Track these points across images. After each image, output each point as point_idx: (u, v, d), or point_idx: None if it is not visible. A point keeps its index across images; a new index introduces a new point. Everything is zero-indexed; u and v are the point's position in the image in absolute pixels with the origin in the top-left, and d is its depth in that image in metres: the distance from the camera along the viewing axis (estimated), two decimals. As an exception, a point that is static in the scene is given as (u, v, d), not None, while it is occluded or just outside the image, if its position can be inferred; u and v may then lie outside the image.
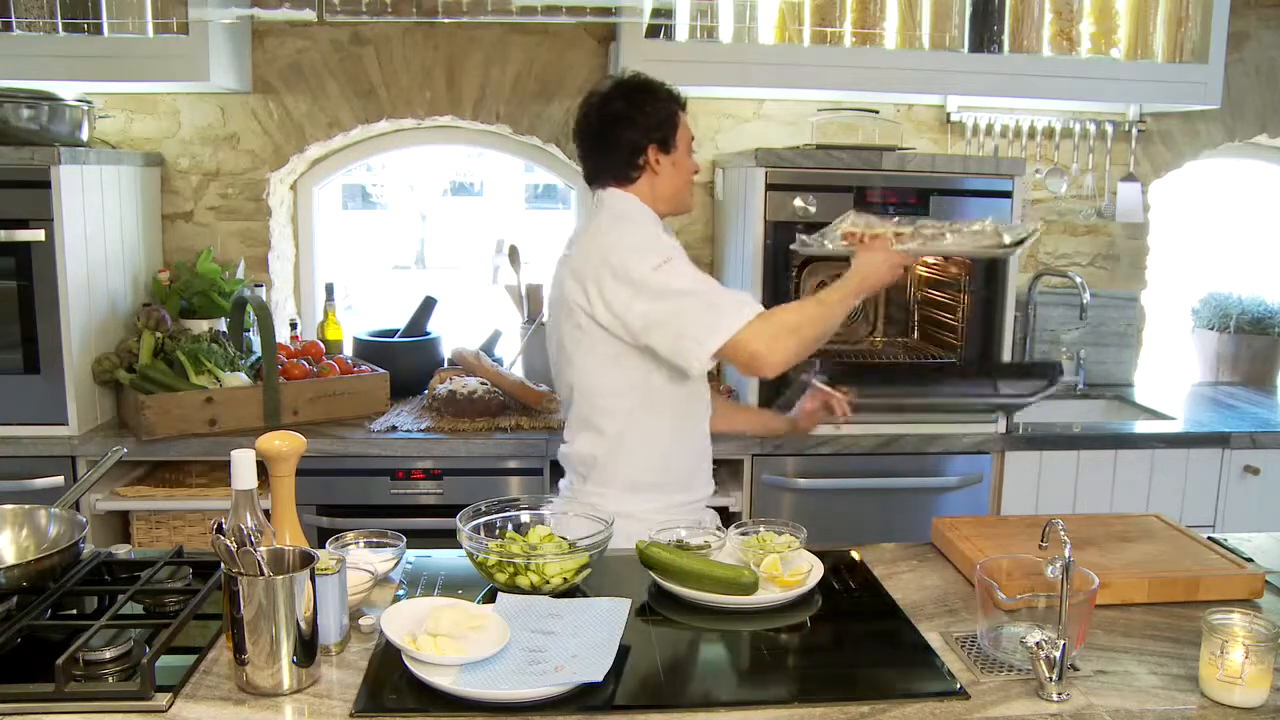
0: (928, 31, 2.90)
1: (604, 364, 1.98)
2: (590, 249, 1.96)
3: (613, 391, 2.00)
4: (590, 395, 2.02)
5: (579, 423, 2.07)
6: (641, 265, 1.88)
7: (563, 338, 2.05)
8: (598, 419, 2.02)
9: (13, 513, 1.66)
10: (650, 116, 2.02)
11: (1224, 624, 1.36)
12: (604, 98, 2.05)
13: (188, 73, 2.69)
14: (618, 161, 2.04)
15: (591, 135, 2.06)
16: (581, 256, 1.98)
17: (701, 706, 1.32)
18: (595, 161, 2.08)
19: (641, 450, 2.02)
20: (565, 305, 2.01)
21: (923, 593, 1.69)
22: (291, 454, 1.51)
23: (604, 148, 2.05)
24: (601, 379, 2.00)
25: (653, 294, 1.87)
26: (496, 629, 1.41)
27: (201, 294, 2.89)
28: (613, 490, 2.02)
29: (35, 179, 2.46)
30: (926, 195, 2.69)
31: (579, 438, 2.07)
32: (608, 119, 2.03)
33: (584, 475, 2.07)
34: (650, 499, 2.02)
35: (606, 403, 2.01)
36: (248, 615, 1.28)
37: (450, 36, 3.09)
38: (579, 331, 1.98)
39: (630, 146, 2.02)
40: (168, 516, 2.62)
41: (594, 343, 1.97)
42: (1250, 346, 3.48)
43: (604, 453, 2.03)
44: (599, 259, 1.92)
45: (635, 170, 2.04)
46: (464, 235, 10.63)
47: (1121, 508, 2.83)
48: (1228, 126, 3.41)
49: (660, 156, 2.04)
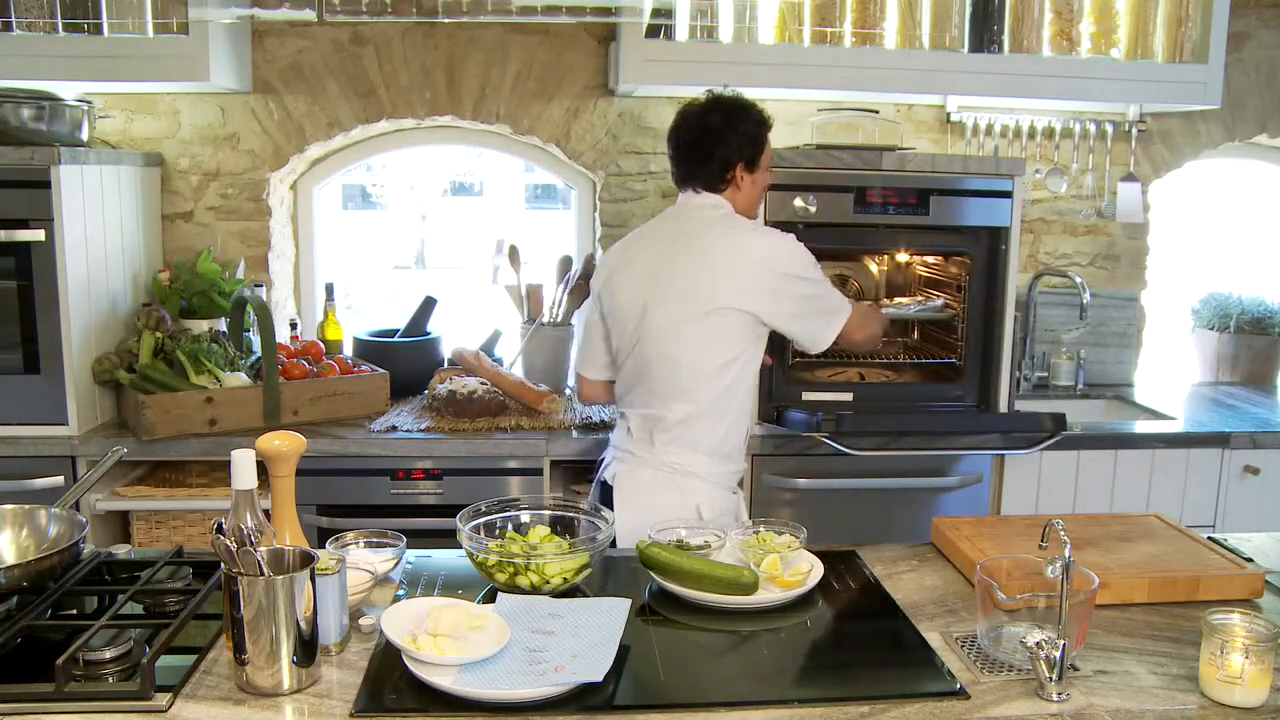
0: (928, 31, 2.90)
1: (724, 349, 2.17)
2: (746, 254, 2.15)
3: (715, 370, 2.18)
4: (696, 372, 2.18)
5: (679, 393, 2.20)
6: (801, 268, 2.18)
7: (677, 327, 2.17)
8: (699, 392, 2.18)
9: (13, 513, 1.66)
10: (743, 136, 2.19)
11: (1224, 624, 1.36)
12: (703, 111, 2.20)
13: (188, 73, 2.69)
14: (709, 173, 2.21)
15: (688, 145, 2.22)
16: (732, 260, 2.14)
17: (701, 706, 1.32)
18: (688, 169, 2.24)
19: (724, 419, 2.21)
20: (692, 302, 2.15)
21: (923, 593, 1.70)
22: (291, 454, 1.51)
23: (699, 157, 2.21)
24: (713, 359, 2.17)
25: (806, 292, 2.19)
26: (496, 629, 1.41)
27: (201, 294, 2.88)
28: (698, 453, 2.20)
29: (35, 179, 2.46)
30: (926, 195, 2.69)
31: (674, 405, 2.20)
32: (705, 133, 2.19)
33: (671, 437, 2.21)
34: (721, 463, 2.23)
35: (709, 379, 2.18)
36: (248, 615, 1.28)
37: (450, 36, 3.09)
38: (711, 325, 2.15)
39: (722, 161, 2.20)
40: (168, 516, 2.62)
41: (725, 335, 2.16)
42: (1250, 346, 3.48)
43: (695, 418, 2.19)
44: (764, 266, 2.15)
45: (722, 183, 2.22)
46: (464, 235, 10.64)
47: (1121, 508, 2.83)
48: (1228, 126, 3.41)
49: (745, 174, 2.22)
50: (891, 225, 2.72)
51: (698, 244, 2.18)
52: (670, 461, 2.20)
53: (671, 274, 2.18)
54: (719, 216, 2.22)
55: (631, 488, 2.20)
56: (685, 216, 2.25)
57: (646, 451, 2.23)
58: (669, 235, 2.25)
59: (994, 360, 2.80)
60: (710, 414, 2.19)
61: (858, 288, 3.20)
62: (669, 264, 2.20)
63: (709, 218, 2.22)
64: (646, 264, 2.24)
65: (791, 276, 2.17)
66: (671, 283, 2.18)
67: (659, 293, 2.19)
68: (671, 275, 2.18)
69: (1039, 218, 3.42)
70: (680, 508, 2.12)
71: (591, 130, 3.20)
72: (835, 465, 2.73)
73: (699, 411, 2.19)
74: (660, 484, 2.18)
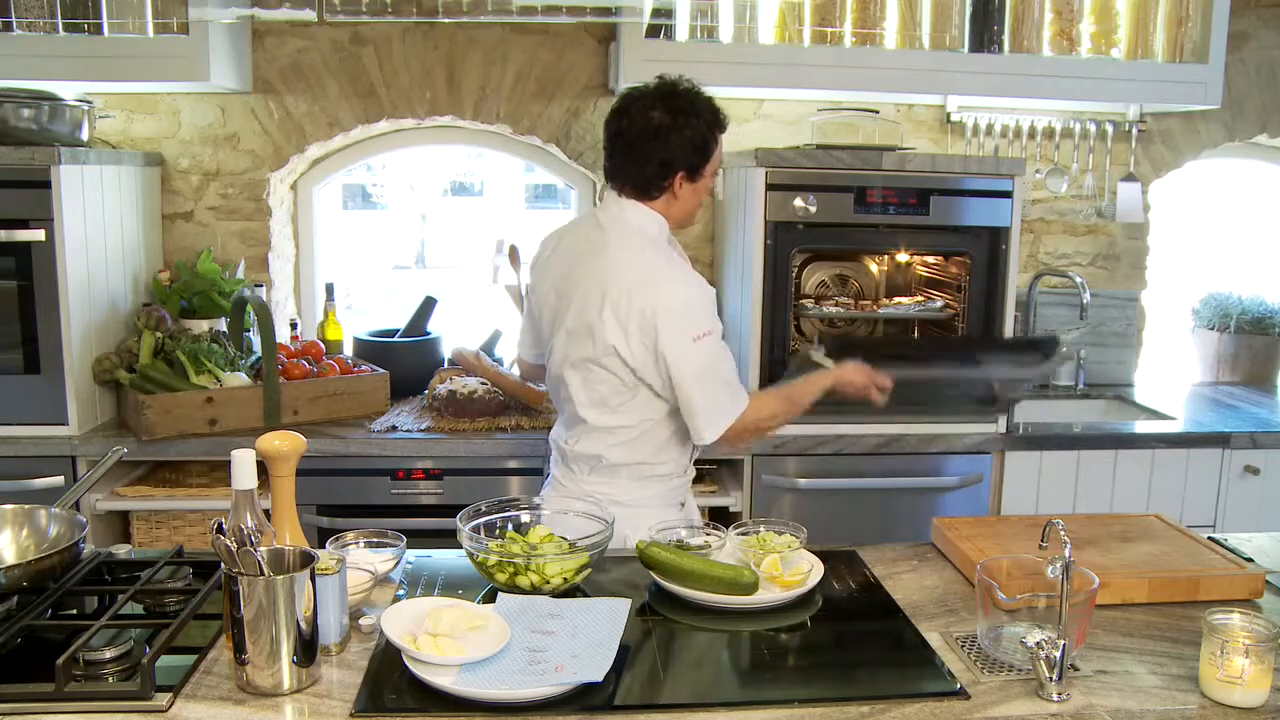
0: (928, 31, 2.90)
1: (612, 394, 1.97)
2: (634, 291, 1.88)
3: (612, 413, 1.99)
4: (590, 408, 2.00)
5: (583, 428, 2.03)
6: (690, 330, 1.88)
7: (574, 352, 1.98)
8: (595, 429, 2.01)
9: (13, 513, 1.66)
10: (688, 141, 1.93)
11: (1224, 624, 1.36)
12: (646, 104, 1.93)
13: (188, 73, 2.69)
14: (644, 177, 1.96)
15: (624, 141, 1.95)
16: (623, 294, 1.88)
17: (701, 706, 1.32)
18: (619, 166, 1.99)
19: (643, 449, 2.02)
20: (589, 329, 1.93)
21: (923, 593, 1.70)
22: (291, 454, 1.51)
23: (634, 158, 1.95)
24: (604, 402, 1.98)
25: (692, 360, 1.89)
26: (496, 629, 1.41)
27: (201, 294, 2.88)
28: (619, 480, 2.03)
29: (35, 179, 2.46)
30: (926, 195, 2.69)
31: (584, 439, 2.03)
32: (645, 131, 1.92)
33: (588, 468, 2.05)
34: (651, 485, 2.04)
35: (608, 419, 1.99)
36: (248, 615, 1.28)
37: (450, 36, 3.09)
38: (597, 358, 1.94)
39: (662, 166, 1.94)
40: (168, 516, 2.62)
41: (612, 375, 1.95)
42: (1250, 346, 3.48)
43: (607, 453, 2.02)
44: (650, 309, 1.87)
45: (658, 191, 1.98)
46: (464, 235, 10.63)
47: (1121, 508, 2.83)
48: (1228, 126, 3.41)
49: (686, 183, 1.98)
50: (891, 225, 2.72)
51: (605, 265, 1.92)
52: (591, 491, 1.98)
53: (574, 293, 1.96)
54: (634, 240, 1.94)
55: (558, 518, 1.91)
56: (608, 228, 1.98)
57: (568, 478, 2.07)
58: (586, 245, 1.99)
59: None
60: (624, 447, 1.99)
61: (858, 288, 3.20)
62: (574, 280, 1.97)
63: (624, 240, 1.95)
64: (561, 269, 2.03)
65: (679, 332, 1.87)
66: (571, 303, 1.96)
67: (561, 310, 1.99)
68: (573, 294, 1.96)
69: (1039, 218, 3.42)
70: None
71: (591, 130, 3.20)
72: (835, 465, 2.73)
73: (609, 446, 1.99)
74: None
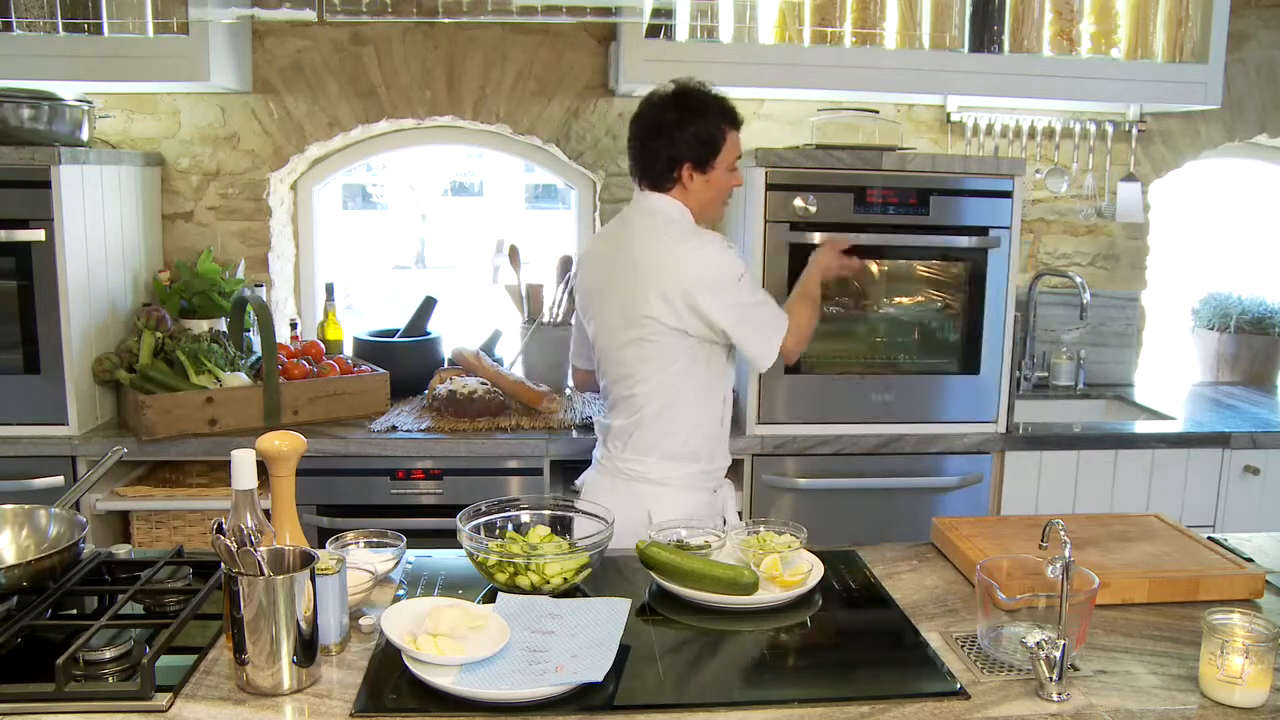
0: (928, 31, 2.90)
1: (660, 362, 2.15)
2: (668, 264, 2.09)
3: (653, 379, 2.16)
4: (634, 381, 2.18)
5: (623, 401, 2.21)
6: (730, 275, 2.11)
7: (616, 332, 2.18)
8: (640, 400, 2.18)
9: (13, 513, 1.66)
10: (693, 136, 2.12)
11: (1224, 624, 1.36)
12: (659, 105, 2.15)
13: (188, 73, 2.69)
14: (655, 172, 2.16)
15: (639, 138, 2.18)
16: (655, 271, 2.10)
17: (701, 706, 1.32)
18: (637, 163, 2.20)
19: (677, 423, 2.18)
20: (626, 310, 2.14)
21: (923, 593, 1.70)
22: (291, 454, 1.51)
23: (645, 154, 2.17)
24: (648, 370, 2.16)
25: (738, 302, 2.12)
26: (496, 629, 1.41)
27: (201, 294, 2.88)
28: (650, 458, 2.19)
29: (35, 179, 2.46)
30: (926, 195, 2.69)
31: (619, 411, 2.22)
32: (654, 128, 2.14)
33: (623, 444, 2.22)
34: (683, 465, 2.19)
35: (650, 389, 2.16)
36: (248, 615, 1.28)
37: (450, 36, 3.09)
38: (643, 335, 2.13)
39: (669, 161, 2.14)
40: (168, 516, 2.61)
41: (658, 346, 2.13)
42: (1250, 346, 3.48)
43: (642, 426, 2.18)
44: (688, 275, 2.08)
45: (669, 183, 2.17)
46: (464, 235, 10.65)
47: (1121, 508, 2.83)
48: (1228, 126, 3.41)
49: (695, 174, 2.16)
50: (892, 225, 2.72)
51: (634, 250, 2.14)
52: (624, 468, 2.20)
53: (612, 278, 2.18)
54: (658, 223, 2.16)
55: (593, 494, 2.20)
56: (631, 218, 2.22)
57: (606, 457, 2.25)
58: (617, 235, 2.23)
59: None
60: (657, 421, 2.17)
61: (858, 288, 3.20)
62: (611, 269, 2.19)
63: (649, 224, 2.17)
64: (597, 263, 2.26)
65: (714, 287, 2.09)
66: (611, 287, 2.18)
67: (603, 297, 2.21)
68: (612, 279, 2.18)
69: (1039, 218, 3.42)
70: (629, 517, 1.96)
71: (591, 130, 3.20)
72: (835, 465, 2.73)
73: (644, 419, 2.17)
74: (616, 490, 2.18)
